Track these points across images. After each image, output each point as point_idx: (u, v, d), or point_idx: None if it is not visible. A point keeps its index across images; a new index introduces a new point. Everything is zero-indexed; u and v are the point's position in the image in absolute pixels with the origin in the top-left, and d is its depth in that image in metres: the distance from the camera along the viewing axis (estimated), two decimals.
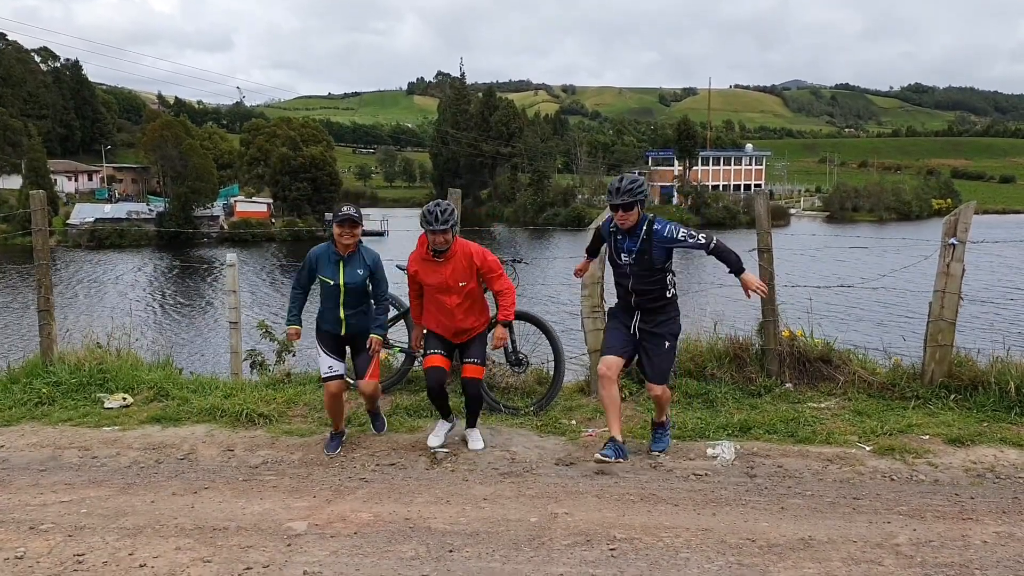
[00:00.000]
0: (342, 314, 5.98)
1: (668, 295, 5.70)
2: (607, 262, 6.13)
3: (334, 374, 6.01)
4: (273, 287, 40.82)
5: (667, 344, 5.71)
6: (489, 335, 6.20)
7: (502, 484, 5.26)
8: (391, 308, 6.83)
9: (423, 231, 5.82)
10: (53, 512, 4.84)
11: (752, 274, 5.57)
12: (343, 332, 6.02)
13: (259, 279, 44.05)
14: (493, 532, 4.46)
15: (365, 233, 6.13)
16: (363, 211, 6.18)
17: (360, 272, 5.97)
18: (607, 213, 6.06)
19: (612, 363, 5.65)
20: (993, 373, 6.50)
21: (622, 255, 5.68)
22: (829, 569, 4.01)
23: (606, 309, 6.58)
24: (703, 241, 5.55)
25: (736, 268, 5.52)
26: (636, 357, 5.85)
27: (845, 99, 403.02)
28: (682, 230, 5.59)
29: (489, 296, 6.18)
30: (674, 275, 5.76)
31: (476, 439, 6.01)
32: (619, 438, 5.51)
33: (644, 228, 5.59)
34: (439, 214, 5.71)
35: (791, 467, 5.45)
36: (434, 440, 5.98)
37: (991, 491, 5.07)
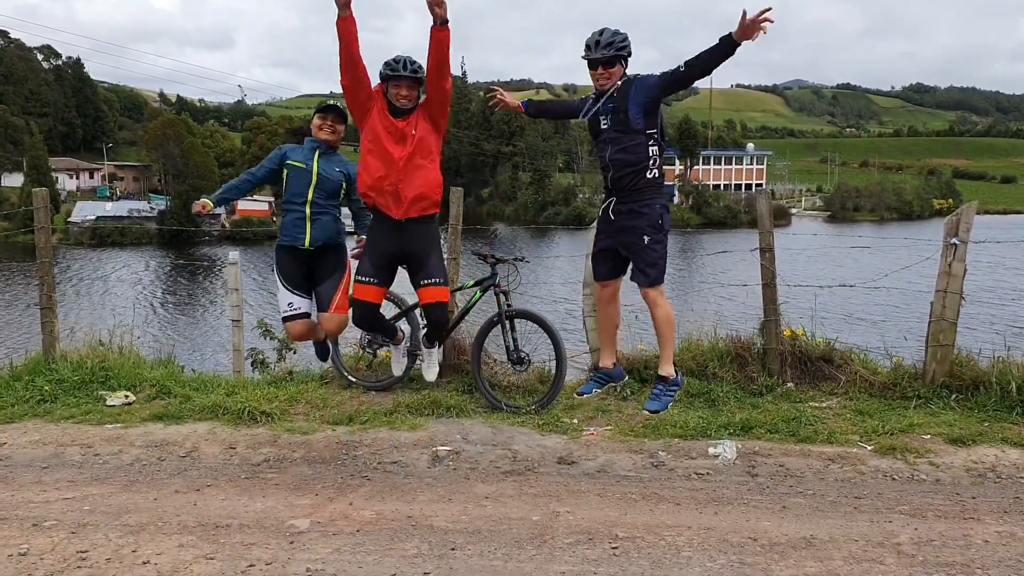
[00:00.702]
0: (308, 211, 5.31)
1: (649, 175, 5.15)
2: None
3: (294, 312, 5.43)
4: (275, 285, 40.78)
5: (646, 239, 5.20)
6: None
7: (504, 482, 5.27)
8: (396, 304, 6.57)
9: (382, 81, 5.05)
10: (56, 509, 4.85)
11: (740, 23, 4.83)
12: (306, 243, 5.36)
13: (261, 277, 44.06)
14: (495, 530, 4.47)
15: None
16: None
17: (337, 169, 5.44)
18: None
19: (604, 283, 5.48)
20: (994, 373, 6.50)
21: (601, 120, 5.18)
22: (831, 568, 4.02)
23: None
24: (680, 67, 4.99)
25: (723, 43, 4.86)
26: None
27: (846, 99, 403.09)
28: (655, 75, 5.04)
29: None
30: (661, 151, 5.18)
31: (432, 363, 5.77)
32: (606, 364, 5.29)
33: (623, 82, 5.09)
34: (407, 62, 5.05)
35: (793, 466, 5.45)
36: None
37: (992, 491, 5.08)
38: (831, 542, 4.30)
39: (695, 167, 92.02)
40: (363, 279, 5.19)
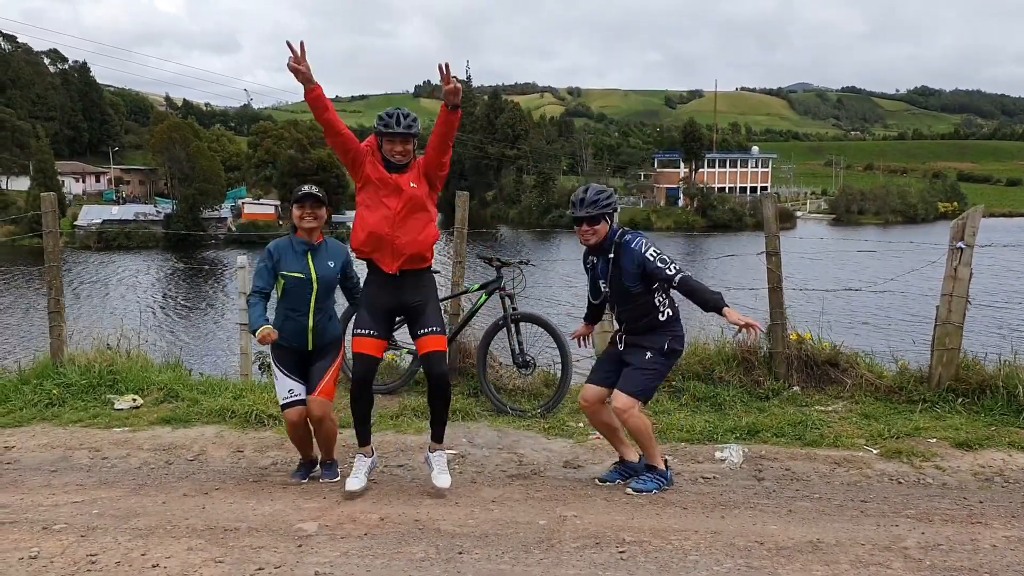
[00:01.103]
0: (311, 321, 5.10)
1: (661, 318, 5.05)
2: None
3: (295, 399, 5.17)
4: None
5: (648, 355, 5.02)
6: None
7: (510, 486, 5.28)
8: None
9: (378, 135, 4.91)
10: (65, 512, 4.87)
11: (732, 310, 4.75)
12: (310, 347, 5.16)
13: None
14: (502, 534, 4.48)
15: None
16: None
17: (332, 264, 5.17)
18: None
19: (589, 393, 5.21)
20: (1001, 377, 6.50)
21: (600, 283, 5.12)
22: (837, 572, 4.02)
23: (614, 322, 5.84)
24: (669, 273, 4.83)
25: (715, 305, 4.75)
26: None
27: (851, 102, 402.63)
28: (651, 250, 4.90)
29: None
30: (667, 294, 5.08)
31: (442, 468, 5.08)
32: (630, 458, 5.25)
33: (613, 245, 5.00)
34: (400, 116, 4.87)
35: (799, 470, 5.46)
36: (354, 483, 5.04)
37: (1000, 495, 5.07)
38: (838, 546, 4.30)
39: (700, 170, 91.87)
40: (362, 332, 4.97)
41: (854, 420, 6.29)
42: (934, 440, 5.86)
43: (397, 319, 5.29)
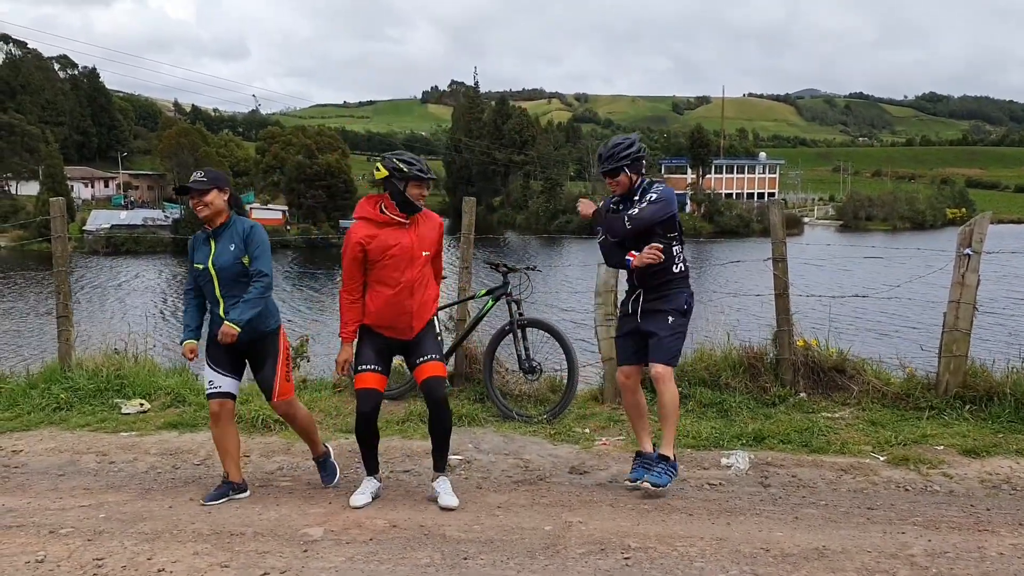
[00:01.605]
0: (222, 311, 4.86)
1: (676, 269, 5.18)
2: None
3: (215, 390, 4.97)
4: (288, 294, 40.97)
5: (670, 319, 5.13)
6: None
7: (516, 492, 5.28)
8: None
9: (392, 185, 4.85)
10: (72, 517, 4.89)
11: (650, 249, 5.02)
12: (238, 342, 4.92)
13: (274, 286, 44.16)
14: (507, 540, 4.48)
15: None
16: None
17: (231, 248, 4.85)
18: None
19: (629, 370, 5.33)
20: (1008, 384, 6.48)
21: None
22: None
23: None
24: (635, 210, 5.05)
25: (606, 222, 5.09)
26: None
27: (859, 108, 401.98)
28: (662, 194, 5.10)
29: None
30: (682, 247, 5.24)
31: (447, 492, 5.00)
32: (648, 449, 5.30)
33: (640, 191, 5.18)
34: (424, 163, 4.92)
35: (805, 477, 5.45)
36: (359, 499, 5.00)
37: (1007, 503, 5.05)
38: (844, 553, 4.29)
39: (707, 176, 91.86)
40: (366, 367, 4.90)
41: (861, 427, 6.28)
42: (941, 447, 5.84)
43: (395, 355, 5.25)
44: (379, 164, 4.97)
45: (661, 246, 5.09)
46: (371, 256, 4.85)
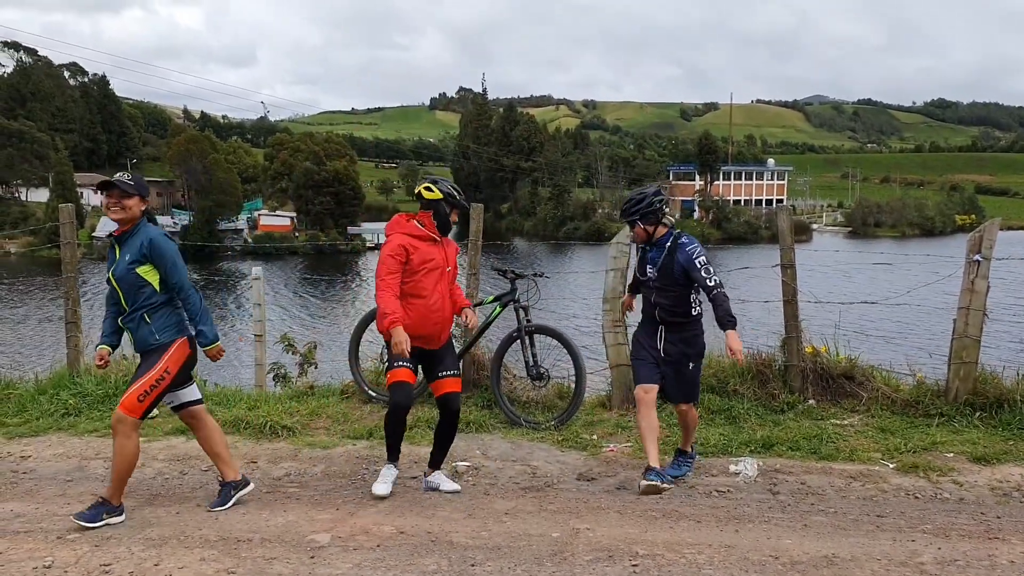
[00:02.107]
0: (123, 325, 4.80)
1: (693, 313, 5.57)
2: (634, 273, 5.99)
3: (174, 405, 5.09)
4: (296, 300, 41.06)
5: (692, 365, 5.60)
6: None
7: (523, 499, 5.27)
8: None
9: (441, 207, 5.36)
10: None
11: (736, 336, 5.30)
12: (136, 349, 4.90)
13: (282, 292, 44.30)
14: (515, 547, 4.47)
15: (372, 248, 5.63)
16: (382, 224, 5.80)
17: (127, 257, 4.68)
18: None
19: (649, 387, 5.54)
20: (1019, 391, 6.45)
21: (647, 267, 5.62)
22: None
23: (629, 334, 6.49)
24: (709, 284, 5.35)
25: (723, 322, 5.31)
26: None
27: (867, 114, 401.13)
28: (702, 259, 5.42)
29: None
30: (699, 295, 5.60)
31: (447, 480, 5.50)
32: (657, 467, 5.39)
33: (670, 242, 5.54)
34: (459, 189, 5.50)
35: (814, 484, 5.42)
36: (382, 488, 5.30)
37: (1018, 510, 5.02)
38: (853, 561, 4.26)
39: (715, 182, 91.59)
40: (402, 364, 5.20)
41: (870, 434, 6.25)
42: (951, 454, 5.81)
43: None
44: (432, 185, 5.43)
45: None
46: (413, 264, 5.24)
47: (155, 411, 7.03)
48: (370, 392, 7.28)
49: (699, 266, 5.39)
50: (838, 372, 6.96)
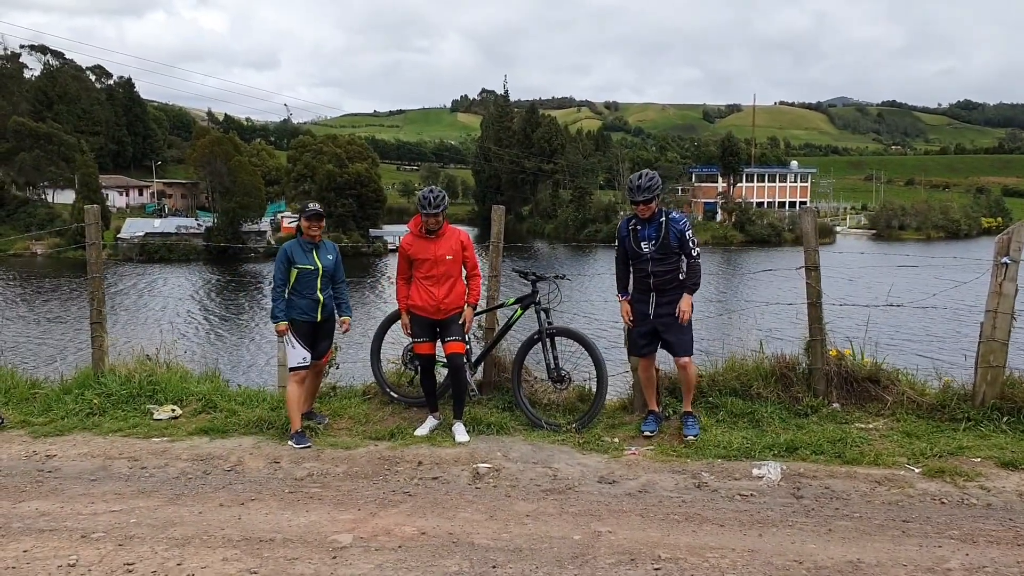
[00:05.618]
0: (321, 296, 6.71)
1: (680, 277, 6.45)
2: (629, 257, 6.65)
3: (306, 364, 6.64)
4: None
5: (679, 318, 6.42)
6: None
7: (545, 501, 5.25)
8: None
9: (419, 214, 6.65)
10: (104, 521, 4.93)
11: (688, 299, 6.44)
12: (319, 317, 6.71)
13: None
14: (536, 549, 4.46)
15: (393, 249, 6.43)
16: (402, 228, 6.54)
17: (331, 257, 6.86)
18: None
19: (645, 363, 6.64)
20: None
21: (643, 244, 6.45)
22: None
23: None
24: (694, 254, 6.45)
25: (690, 286, 6.46)
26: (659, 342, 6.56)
27: (892, 116, 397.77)
28: (690, 231, 6.49)
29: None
30: (683, 262, 6.47)
31: (461, 432, 6.52)
32: (657, 410, 6.61)
33: (663, 218, 6.44)
34: (432, 199, 6.58)
35: (838, 488, 5.36)
36: (422, 430, 6.65)
37: None
38: (879, 567, 4.21)
39: (738, 184, 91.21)
40: (421, 339, 6.75)
41: (895, 438, 6.18)
42: (978, 459, 5.73)
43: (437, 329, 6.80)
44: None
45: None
46: (412, 256, 6.73)
47: (178, 411, 7.09)
48: (392, 393, 7.30)
49: (688, 238, 6.44)
50: (863, 375, 6.89)
